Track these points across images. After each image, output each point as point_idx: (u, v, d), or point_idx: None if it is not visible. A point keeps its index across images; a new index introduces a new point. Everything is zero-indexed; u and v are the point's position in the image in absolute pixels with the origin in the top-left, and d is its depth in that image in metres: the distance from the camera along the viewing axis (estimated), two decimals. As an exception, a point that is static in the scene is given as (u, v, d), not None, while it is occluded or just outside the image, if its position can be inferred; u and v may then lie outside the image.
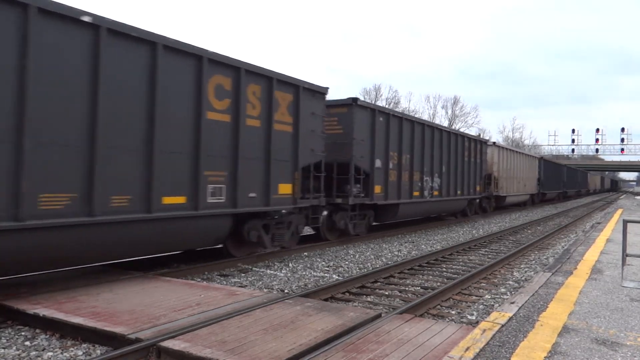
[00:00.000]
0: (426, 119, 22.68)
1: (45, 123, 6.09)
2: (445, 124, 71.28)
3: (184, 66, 7.89)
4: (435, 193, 17.54)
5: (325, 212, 12.38)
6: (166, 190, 7.62)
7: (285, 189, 10.17)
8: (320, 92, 11.21)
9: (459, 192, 19.62)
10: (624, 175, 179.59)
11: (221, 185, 8.62)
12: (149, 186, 7.34)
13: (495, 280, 9.10)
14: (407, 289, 8.29)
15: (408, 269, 9.84)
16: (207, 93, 8.27)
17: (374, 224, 15.29)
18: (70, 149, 6.37)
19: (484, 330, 4.47)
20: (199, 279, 8.35)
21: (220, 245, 9.85)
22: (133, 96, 7.15)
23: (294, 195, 10.40)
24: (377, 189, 13.75)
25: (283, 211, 10.38)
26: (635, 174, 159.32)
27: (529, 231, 18.20)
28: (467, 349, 3.99)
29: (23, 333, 5.39)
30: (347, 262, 10.42)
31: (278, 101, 9.89)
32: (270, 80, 9.65)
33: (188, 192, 8.00)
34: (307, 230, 13.17)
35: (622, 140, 74.53)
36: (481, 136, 43.59)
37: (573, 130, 79.79)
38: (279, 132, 9.92)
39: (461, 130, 54.84)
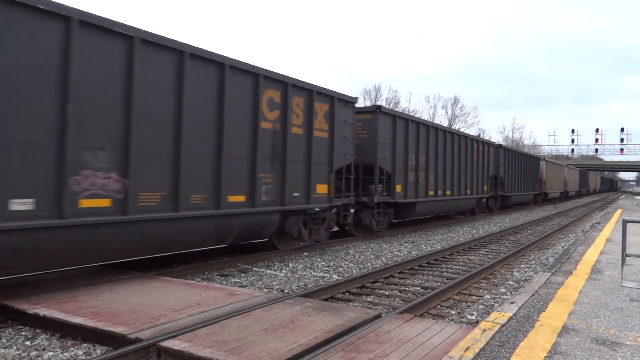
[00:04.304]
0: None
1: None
2: (445, 124, 71.24)
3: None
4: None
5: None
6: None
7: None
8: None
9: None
10: (623, 175, 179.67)
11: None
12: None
13: (495, 280, 9.10)
14: (407, 289, 8.29)
15: (408, 269, 9.85)
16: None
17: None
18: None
19: (484, 330, 4.48)
20: (199, 279, 8.36)
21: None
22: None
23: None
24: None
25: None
26: (635, 174, 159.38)
27: (529, 231, 18.21)
28: (467, 348, 4.00)
29: (23, 333, 5.39)
30: (347, 262, 10.43)
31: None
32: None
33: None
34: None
35: (622, 140, 74.56)
36: (481, 136, 43.50)
37: (573, 130, 79.93)
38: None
39: (461, 130, 54.75)
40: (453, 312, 6.97)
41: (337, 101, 11.62)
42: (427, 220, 19.79)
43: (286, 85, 10.00)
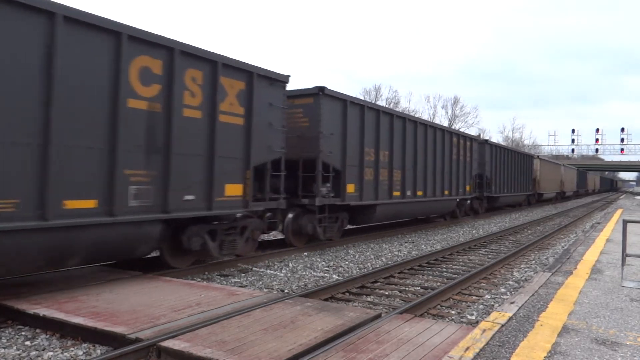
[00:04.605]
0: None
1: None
2: (446, 124, 71.15)
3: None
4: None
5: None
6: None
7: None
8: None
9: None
10: (623, 175, 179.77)
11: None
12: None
13: (495, 280, 9.11)
14: (407, 289, 8.29)
15: (408, 269, 9.85)
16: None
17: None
18: None
19: (484, 330, 4.48)
20: (199, 279, 8.36)
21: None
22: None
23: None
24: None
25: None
26: (635, 174, 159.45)
27: (529, 231, 18.21)
28: (467, 348, 4.00)
29: (23, 333, 5.39)
30: (347, 262, 10.43)
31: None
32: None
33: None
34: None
35: (622, 140, 74.55)
36: (481, 136, 42.47)
37: (573, 130, 79.91)
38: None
39: (461, 130, 54.35)
40: (453, 312, 6.97)
41: (258, 78, 9.20)
42: (423, 222, 18.95)
43: (171, 52, 7.56)
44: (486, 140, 24.81)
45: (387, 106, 58.64)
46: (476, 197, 22.99)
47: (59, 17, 6.11)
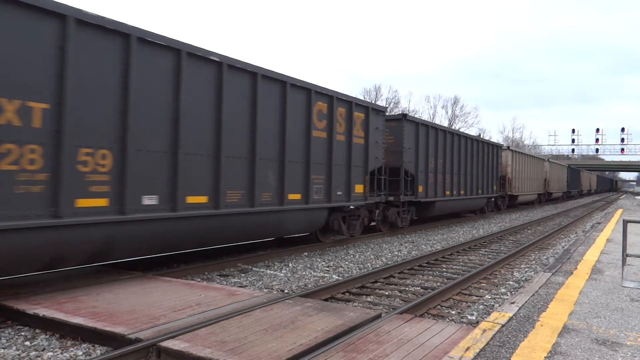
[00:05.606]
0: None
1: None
2: (445, 124, 71.07)
3: None
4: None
5: None
6: None
7: None
8: None
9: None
10: (623, 175, 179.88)
11: None
12: None
13: (496, 281, 9.10)
14: (407, 289, 8.29)
15: (408, 269, 9.84)
16: None
17: None
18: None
19: (484, 330, 4.47)
20: (199, 279, 8.35)
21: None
22: None
23: None
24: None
25: None
26: (635, 174, 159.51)
27: (529, 231, 18.20)
28: (467, 349, 3.99)
29: (23, 333, 5.39)
30: (347, 262, 10.42)
31: None
32: None
33: None
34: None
35: (622, 140, 74.49)
36: (481, 136, 40.39)
37: (573, 130, 79.78)
38: None
39: (461, 130, 54.01)
40: (453, 312, 6.97)
41: None
42: (423, 222, 17.96)
43: None
44: (405, 115, 15.47)
45: (387, 106, 53.54)
46: (390, 202, 15.16)
47: None
